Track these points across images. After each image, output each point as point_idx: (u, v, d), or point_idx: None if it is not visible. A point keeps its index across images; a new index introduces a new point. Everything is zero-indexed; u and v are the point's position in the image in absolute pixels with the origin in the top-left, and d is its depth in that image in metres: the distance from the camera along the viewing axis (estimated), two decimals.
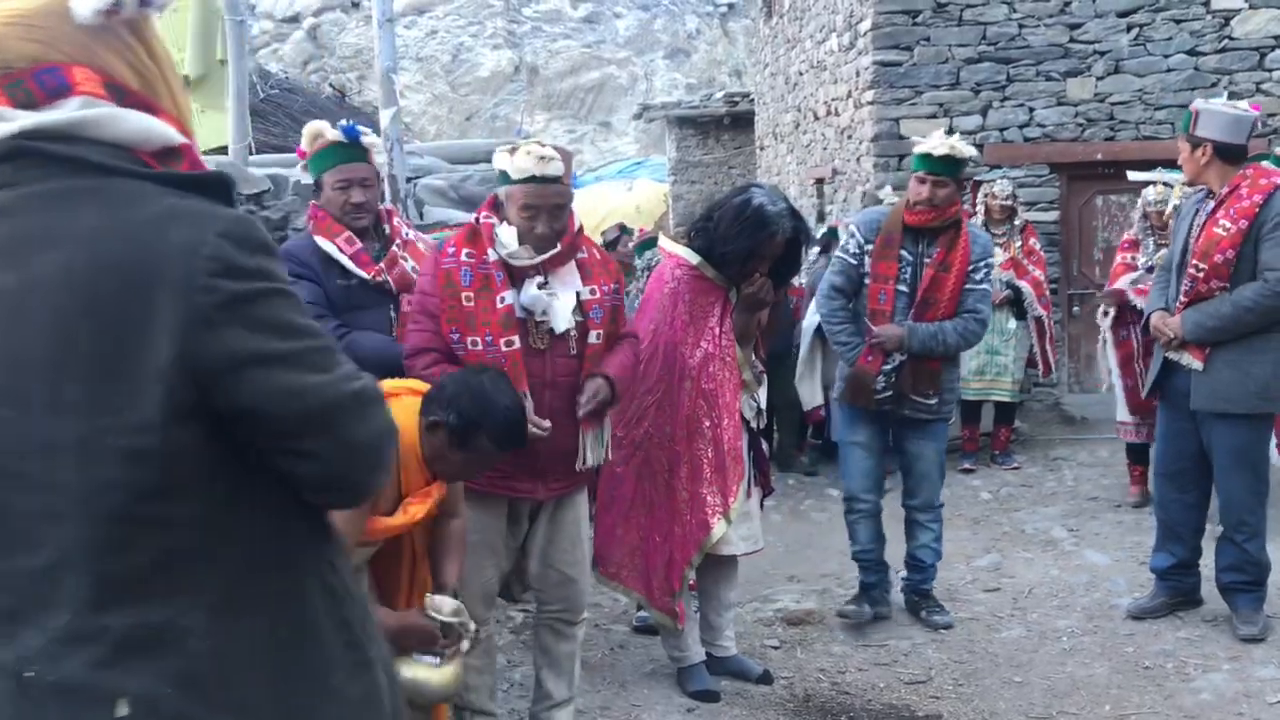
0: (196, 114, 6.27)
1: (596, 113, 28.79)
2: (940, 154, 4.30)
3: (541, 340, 3.21)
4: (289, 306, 1.38)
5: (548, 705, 3.53)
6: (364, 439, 1.42)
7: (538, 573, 3.44)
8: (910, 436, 4.53)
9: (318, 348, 1.39)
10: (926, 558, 4.62)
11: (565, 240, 3.23)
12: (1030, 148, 8.80)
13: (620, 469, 3.91)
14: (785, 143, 12.73)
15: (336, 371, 1.40)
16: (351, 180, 3.61)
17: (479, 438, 2.70)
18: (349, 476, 1.44)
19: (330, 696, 1.42)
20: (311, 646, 1.41)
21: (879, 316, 4.37)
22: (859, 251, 4.47)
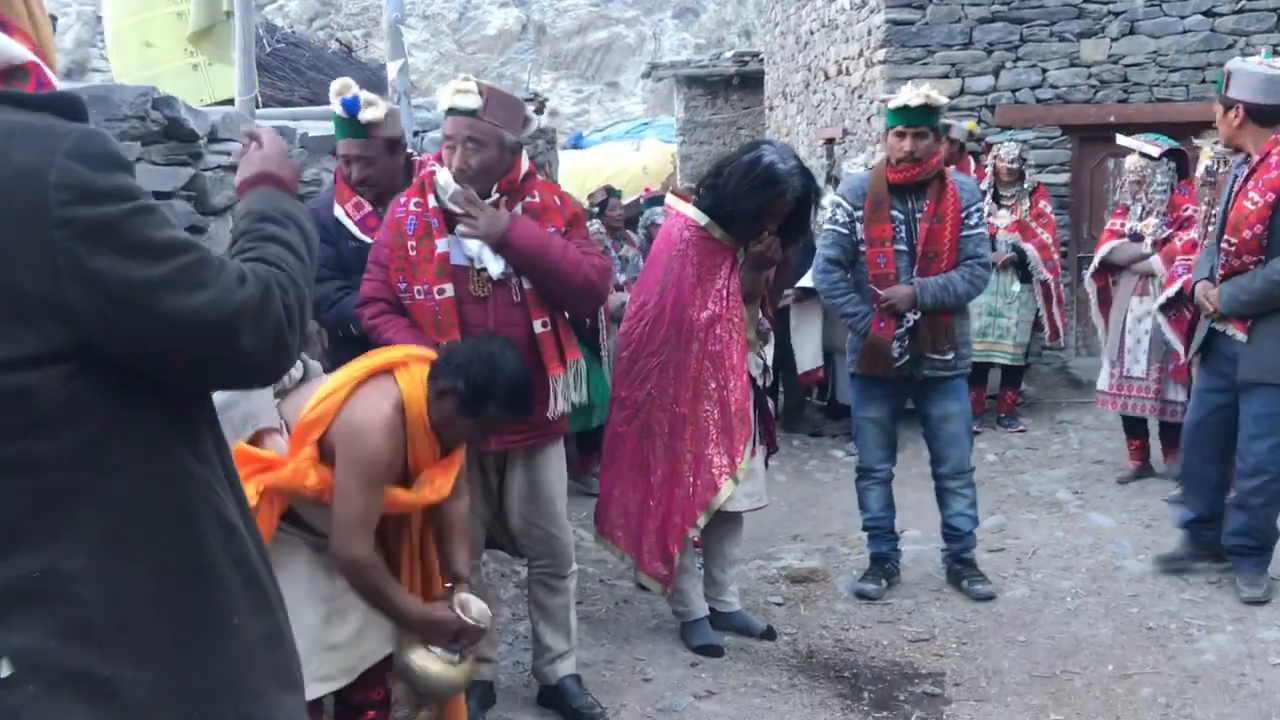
0: (204, 66, 6.22)
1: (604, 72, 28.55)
2: (917, 104, 4.25)
3: (482, 288, 3.20)
4: (156, 222, 1.28)
5: (548, 658, 3.55)
6: (261, 339, 1.35)
7: (521, 529, 3.44)
8: (933, 399, 4.48)
9: (196, 261, 1.30)
10: (963, 525, 4.56)
11: (502, 186, 3.22)
12: (1042, 109, 8.72)
13: (622, 429, 3.91)
14: (795, 102, 12.63)
15: (221, 280, 1.31)
16: (349, 156, 3.61)
17: (488, 404, 2.70)
18: (256, 368, 1.39)
19: (232, 637, 1.36)
20: (210, 585, 1.35)
21: (884, 280, 4.32)
22: (848, 220, 4.42)
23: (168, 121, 3.54)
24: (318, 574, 2.73)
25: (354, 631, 2.79)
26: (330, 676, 2.77)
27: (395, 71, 4.76)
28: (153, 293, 1.24)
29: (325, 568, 2.74)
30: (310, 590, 2.71)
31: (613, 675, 3.84)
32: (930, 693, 3.74)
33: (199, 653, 1.32)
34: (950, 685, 3.79)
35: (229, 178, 3.90)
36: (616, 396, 3.94)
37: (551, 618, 3.54)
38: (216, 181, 3.81)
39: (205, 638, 1.33)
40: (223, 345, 1.31)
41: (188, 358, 1.31)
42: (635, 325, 3.89)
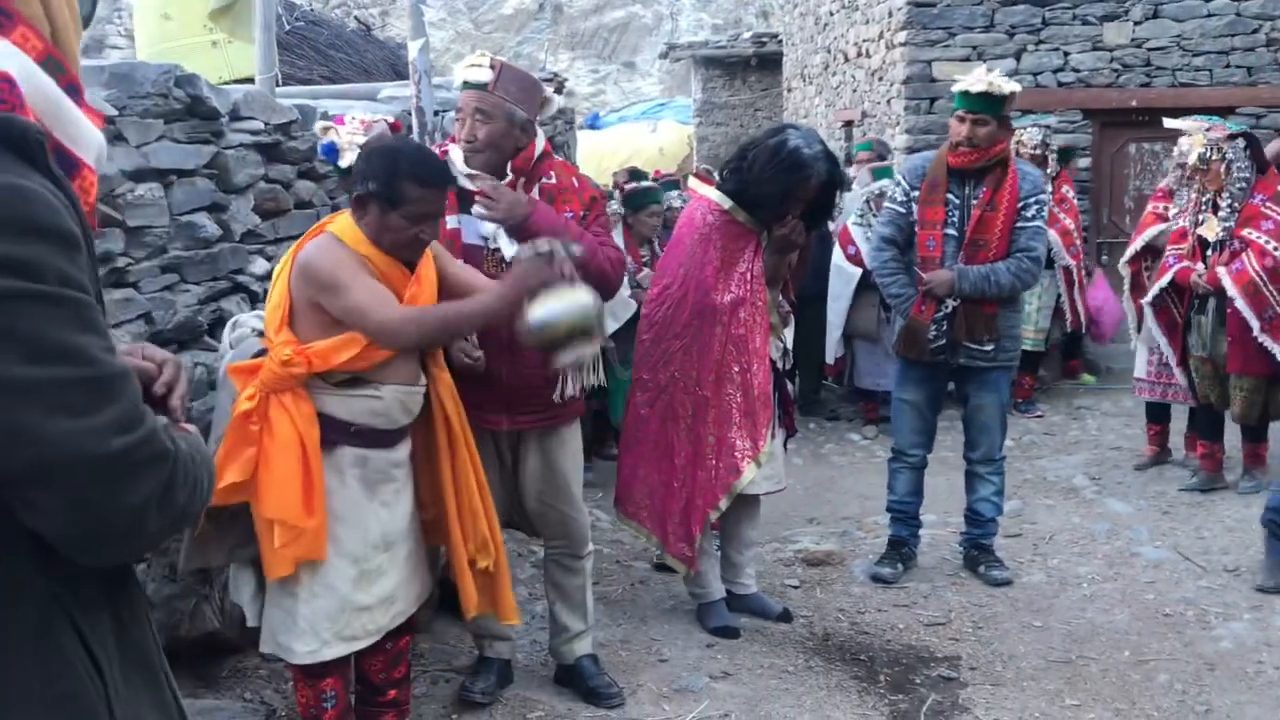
0: (223, 44, 6.21)
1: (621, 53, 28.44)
2: (978, 90, 4.21)
3: (495, 268, 3.19)
4: (53, 318, 1.06)
5: (566, 638, 3.58)
6: (114, 510, 1.11)
7: (537, 511, 3.46)
8: (970, 388, 4.47)
9: (80, 380, 1.08)
10: (986, 511, 4.56)
11: (516, 164, 3.23)
12: (1064, 93, 8.66)
13: (645, 411, 3.92)
14: (814, 84, 12.57)
15: (98, 417, 1.08)
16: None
17: (402, 184, 2.68)
18: (92, 546, 1.14)
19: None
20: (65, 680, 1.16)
21: (929, 263, 4.31)
22: (906, 199, 4.41)
23: (190, 99, 3.52)
24: (351, 533, 2.75)
25: (385, 594, 2.80)
26: (356, 637, 2.78)
27: (416, 51, 4.74)
28: (5, 394, 1.04)
29: (360, 527, 2.75)
30: (343, 551, 2.72)
31: (629, 655, 3.86)
32: (946, 676, 3.74)
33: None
34: (966, 669, 3.79)
35: (250, 155, 3.90)
36: (638, 378, 3.95)
37: (568, 598, 3.55)
38: (238, 159, 3.81)
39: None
40: (65, 488, 1.08)
41: (16, 486, 1.08)
42: (658, 308, 3.89)
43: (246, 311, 3.71)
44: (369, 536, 2.77)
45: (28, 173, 1.08)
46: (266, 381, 2.66)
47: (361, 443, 2.74)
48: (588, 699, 3.48)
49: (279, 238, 4.10)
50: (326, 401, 2.71)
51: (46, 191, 1.09)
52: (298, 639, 2.73)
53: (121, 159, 3.22)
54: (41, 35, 1.19)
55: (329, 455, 2.71)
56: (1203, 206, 5.29)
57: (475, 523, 2.93)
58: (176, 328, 3.39)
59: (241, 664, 3.48)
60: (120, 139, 3.25)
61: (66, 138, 1.23)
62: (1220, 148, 5.10)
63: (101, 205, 3.06)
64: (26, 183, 1.07)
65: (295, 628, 2.72)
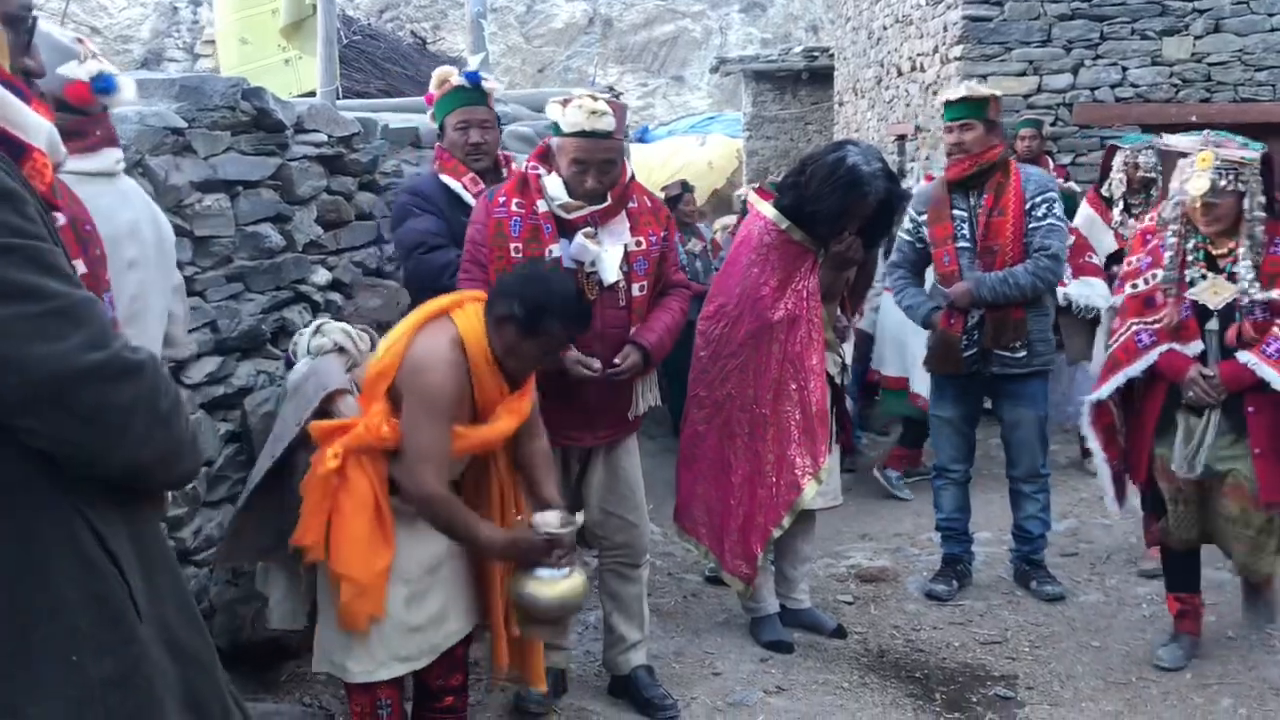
0: (294, 60, 6.34)
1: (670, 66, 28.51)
2: (956, 98, 4.28)
3: (591, 291, 3.24)
4: (8, 262, 1.23)
5: (622, 648, 3.59)
6: (101, 415, 1.28)
7: (598, 519, 3.48)
8: (1006, 402, 4.45)
9: (45, 312, 1.24)
10: (1034, 528, 4.52)
11: (615, 193, 3.24)
12: (1121, 108, 8.55)
13: (702, 427, 3.92)
14: (866, 98, 12.53)
15: (69, 340, 1.25)
16: (471, 121, 3.78)
17: (546, 320, 2.74)
18: (93, 456, 1.31)
19: (68, 674, 1.31)
20: (48, 622, 1.30)
21: (949, 278, 4.32)
22: (913, 226, 4.48)
23: (256, 112, 3.59)
24: (405, 554, 2.77)
25: (435, 614, 2.83)
26: (411, 657, 2.81)
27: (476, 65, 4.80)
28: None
29: (412, 547, 2.78)
30: (395, 572, 2.75)
31: (682, 668, 3.85)
32: (1003, 695, 3.70)
33: (26, 685, 1.29)
34: (1023, 688, 3.75)
35: (314, 168, 3.97)
36: (695, 394, 3.95)
37: (625, 607, 3.56)
38: (302, 171, 3.87)
39: (36, 674, 1.29)
40: (54, 404, 1.25)
41: (13, 412, 1.25)
42: (714, 325, 3.89)
43: (309, 320, 3.76)
44: (419, 558, 2.80)
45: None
46: (354, 444, 2.70)
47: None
48: (643, 710, 3.49)
49: (340, 248, 4.16)
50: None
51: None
52: (352, 659, 2.77)
53: (190, 170, 3.29)
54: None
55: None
56: (1190, 257, 3.61)
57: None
58: (240, 336, 3.45)
59: (301, 668, 3.53)
60: (189, 150, 3.32)
61: (11, 125, 1.38)
62: (1237, 172, 3.49)
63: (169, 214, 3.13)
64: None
65: (350, 649, 2.76)
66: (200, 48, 21.42)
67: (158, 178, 3.09)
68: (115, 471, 1.36)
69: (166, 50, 22.09)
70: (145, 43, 22.31)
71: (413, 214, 3.74)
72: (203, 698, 1.47)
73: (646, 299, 3.36)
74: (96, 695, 1.33)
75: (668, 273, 3.47)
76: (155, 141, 3.14)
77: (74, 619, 1.31)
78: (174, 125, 3.23)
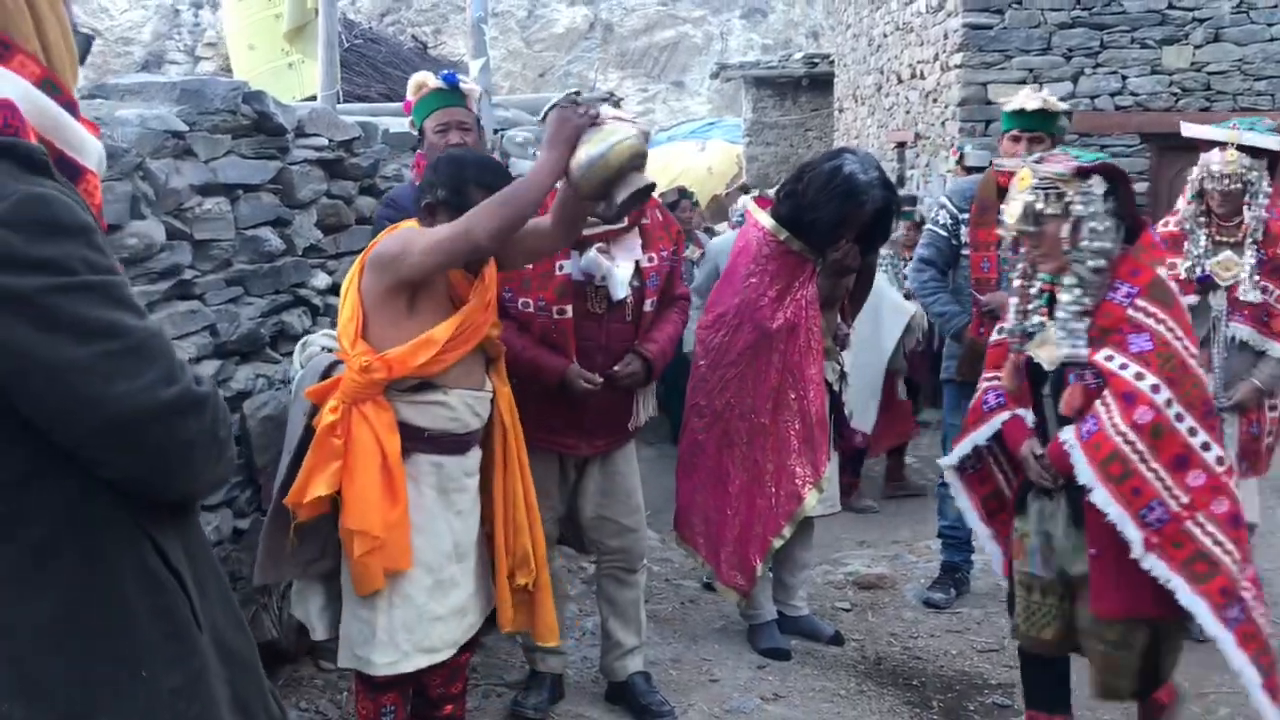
0: (296, 64, 6.35)
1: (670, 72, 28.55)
2: (1033, 108, 4.16)
3: (599, 305, 3.24)
4: (90, 301, 1.24)
5: (618, 654, 3.58)
6: (171, 449, 1.31)
7: (594, 524, 3.48)
8: None
9: (124, 349, 1.26)
10: None
11: (632, 215, 3.23)
12: (1121, 116, 8.59)
13: (701, 436, 3.91)
14: (866, 105, 12.55)
15: (145, 376, 1.27)
16: (449, 124, 3.67)
17: (467, 188, 2.74)
18: (157, 485, 1.34)
19: (138, 686, 1.33)
20: (118, 635, 1.32)
21: (985, 284, 4.23)
22: (952, 223, 4.36)
23: (257, 115, 3.59)
24: (427, 542, 2.77)
25: (457, 606, 2.82)
26: (435, 649, 2.79)
27: (477, 70, 4.81)
28: (65, 374, 1.21)
29: (433, 535, 2.78)
30: (420, 560, 2.74)
31: (679, 674, 3.85)
32: (1000, 704, 3.70)
33: (98, 697, 1.31)
34: (1020, 697, 3.73)
35: (314, 171, 3.96)
36: (694, 404, 3.94)
37: (622, 612, 3.56)
38: (303, 175, 3.87)
39: (108, 687, 1.31)
40: (128, 442, 1.27)
41: (88, 447, 1.27)
42: (713, 334, 3.89)
43: (308, 324, 3.77)
44: (443, 546, 2.79)
45: (40, 181, 1.23)
46: (348, 392, 2.69)
47: (435, 449, 2.77)
48: (640, 716, 3.48)
49: (340, 252, 4.15)
50: (400, 409, 2.74)
51: (60, 193, 1.25)
52: (377, 650, 2.74)
53: (190, 174, 3.29)
54: (38, 61, 1.33)
55: (406, 464, 2.73)
56: (1032, 303, 3.01)
57: (518, 537, 2.95)
58: (240, 339, 3.44)
59: (297, 673, 3.52)
60: (189, 154, 3.31)
61: (70, 148, 1.37)
62: (1060, 193, 2.81)
63: (169, 218, 3.13)
64: (42, 189, 1.22)
65: (374, 639, 2.73)
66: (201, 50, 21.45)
67: (158, 181, 3.08)
68: (174, 497, 1.40)
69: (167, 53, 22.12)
70: (146, 45, 22.34)
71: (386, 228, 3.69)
72: (248, 698, 1.50)
73: (654, 315, 3.39)
74: (165, 704, 1.36)
75: (673, 286, 3.49)
76: (155, 145, 3.14)
77: (144, 634, 1.34)
78: (174, 129, 3.23)
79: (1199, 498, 2.65)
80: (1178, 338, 2.73)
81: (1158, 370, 2.67)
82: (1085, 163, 2.81)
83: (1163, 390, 2.66)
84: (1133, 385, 2.67)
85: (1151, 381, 2.67)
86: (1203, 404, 2.73)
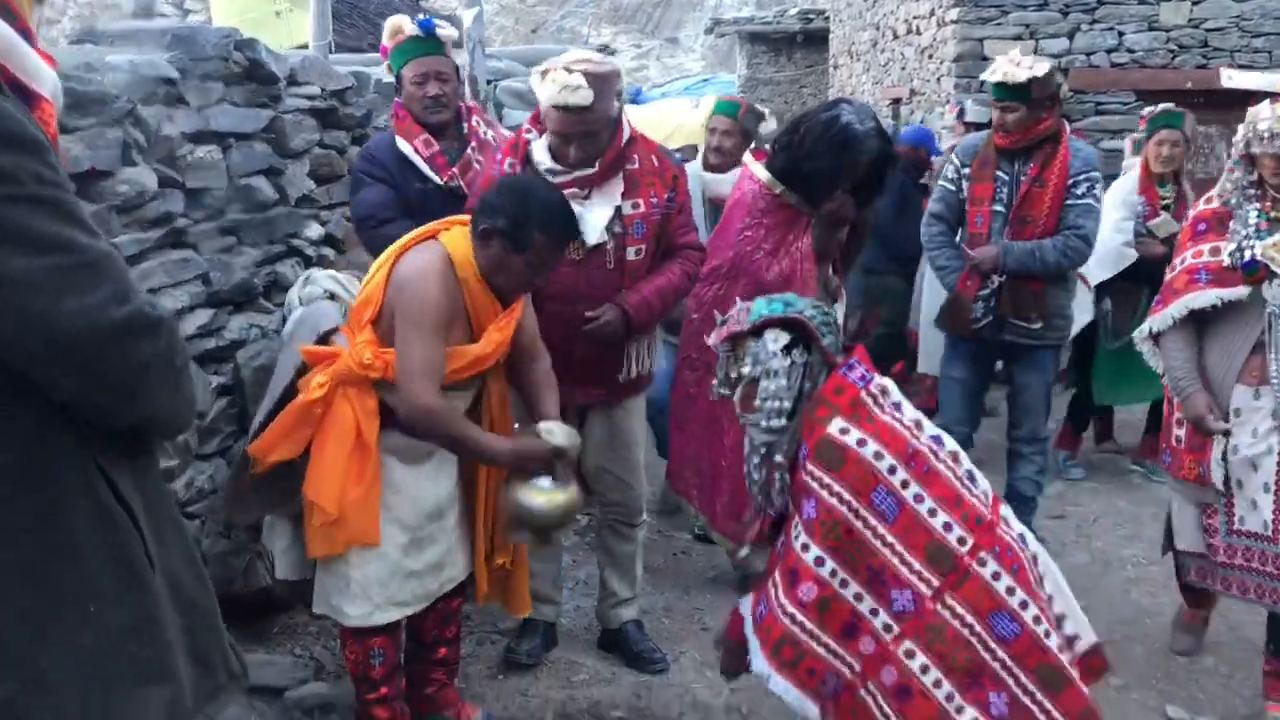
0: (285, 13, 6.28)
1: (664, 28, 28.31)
2: (995, 80, 4.19)
3: (577, 251, 3.20)
4: (39, 214, 1.21)
5: (613, 603, 3.62)
6: (124, 371, 1.28)
7: (594, 474, 3.50)
8: (1016, 366, 4.44)
9: (75, 265, 1.22)
10: (1026, 490, 4.51)
11: (607, 157, 3.20)
12: (1117, 73, 8.54)
13: (693, 389, 3.92)
14: (861, 61, 12.47)
15: (97, 294, 1.24)
16: (428, 74, 3.61)
17: (531, 232, 2.71)
18: (111, 409, 1.31)
19: (86, 623, 1.31)
20: (68, 571, 1.30)
21: (976, 239, 4.28)
22: (957, 177, 4.40)
23: (249, 63, 3.56)
24: (405, 500, 2.79)
25: (435, 561, 2.84)
26: (407, 602, 2.82)
27: (470, 20, 4.77)
28: (12, 287, 1.18)
29: (413, 493, 2.79)
30: (394, 517, 2.76)
31: (671, 623, 3.88)
32: None
33: (45, 634, 1.29)
34: None
35: (306, 121, 3.94)
36: (686, 356, 3.95)
37: (619, 564, 3.59)
38: (295, 124, 3.85)
39: (53, 620, 1.30)
40: (80, 360, 1.24)
41: (40, 366, 1.24)
42: (707, 288, 3.87)
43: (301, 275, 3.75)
44: (421, 505, 2.81)
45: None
46: (339, 374, 2.70)
47: (403, 429, 2.76)
48: (632, 663, 3.52)
49: (333, 203, 4.14)
50: (383, 395, 2.75)
51: (9, 109, 1.23)
52: (350, 602, 2.77)
53: (182, 121, 3.26)
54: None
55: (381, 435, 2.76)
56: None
57: (498, 521, 2.98)
58: (233, 289, 3.44)
59: (292, 620, 3.55)
60: (181, 101, 3.29)
61: (24, 74, 1.35)
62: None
63: (161, 165, 3.11)
64: (7, 106, 1.20)
65: (348, 591, 2.76)
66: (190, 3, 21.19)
67: (149, 128, 3.06)
68: (128, 424, 1.37)
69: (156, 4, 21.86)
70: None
71: (364, 183, 3.63)
72: (207, 649, 1.48)
73: (644, 263, 3.31)
74: (114, 643, 1.33)
75: (674, 234, 3.39)
76: (147, 91, 3.12)
77: (91, 567, 1.32)
78: (166, 75, 3.20)
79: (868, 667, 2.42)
80: None
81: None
82: None
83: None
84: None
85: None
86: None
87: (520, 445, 2.78)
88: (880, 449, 2.38)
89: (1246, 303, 3.17)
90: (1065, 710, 2.35)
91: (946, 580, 2.34)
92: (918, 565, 2.35)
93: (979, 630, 2.33)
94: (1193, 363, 3.29)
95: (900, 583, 2.35)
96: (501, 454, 2.77)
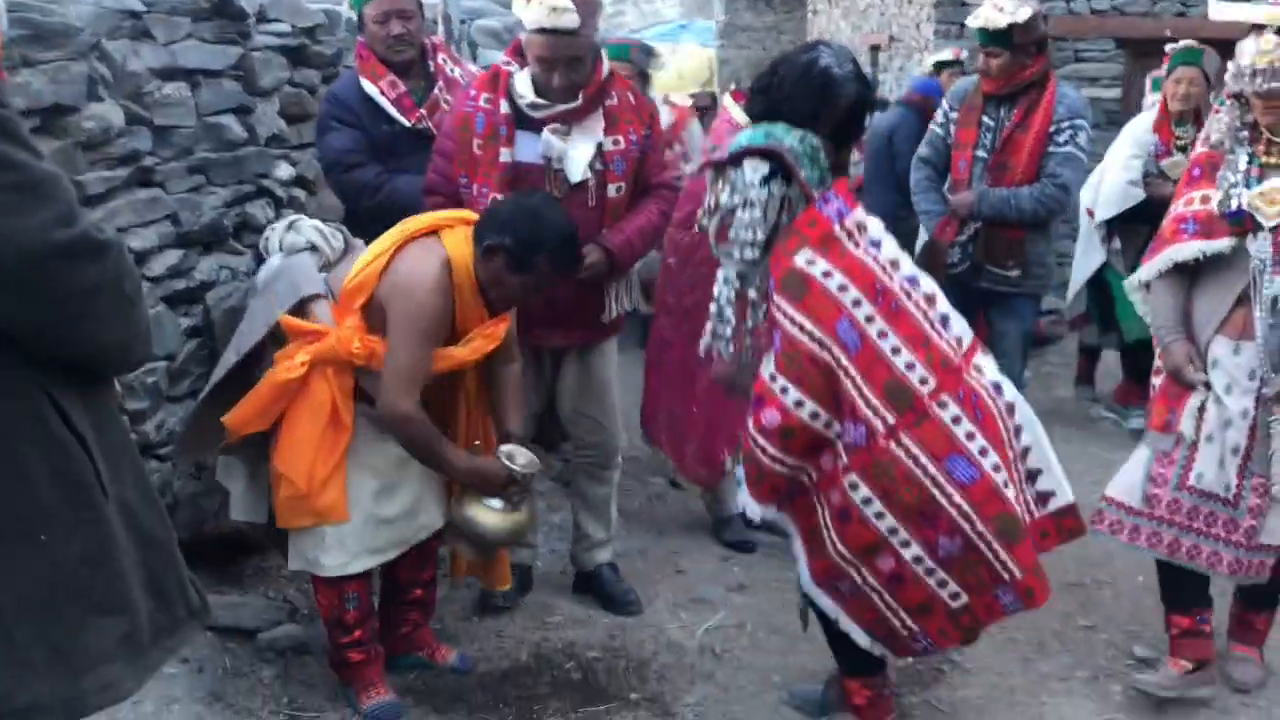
0: None
1: None
2: (976, 26, 4.19)
3: (558, 189, 3.17)
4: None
5: (587, 545, 3.63)
6: (68, 294, 1.25)
7: (570, 418, 3.50)
8: (994, 312, 4.43)
9: (15, 184, 1.20)
10: None
11: (589, 90, 3.17)
12: (1096, 20, 8.49)
13: (669, 334, 3.91)
14: (840, 7, 12.35)
15: (39, 215, 1.21)
16: (390, 11, 3.55)
17: (536, 258, 2.71)
18: (59, 336, 1.28)
19: (37, 552, 1.30)
20: (19, 500, 1.29)
21: (958, 184, 4.29)
22: (945, 122, 4.40)
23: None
24: (374, 448, 2.77)
25: (407, 507, 2.84)
26: (381, 549, 2.83)
27: None
28: None
29: (382, 442, 2.78)
30: (364, 464, 2.75)
31: (646, 566, 3.91)
32: None
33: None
34: None
35: (276, 59, 3.86)
36: (663, 301, 3.94)
37: (593, 507, 3.60)
38: (265, 62, 3.78)
39: (5, 547, 1.28)
40: (14, 286, 1.21)
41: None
42: (685, 233, 3.85)
43: (271, 215, 3.70)
44: (386, 452, 2.80)
45: None
46: (322, 355, 2.67)
47: (372, 402, 2.76)
48: (606, 606, 3.54)
49: (303, 143, 4.08)
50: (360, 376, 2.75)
51: None
52: (325, 553, 2.77)
53: (149, 56, 3.19)
54: None
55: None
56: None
57: None
58: (202, 229, 3.39)
59: (265, 563, 3.55)
60: (147, 36, 3.22)
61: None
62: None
63: (127, 102, 3.04)
64: None
65: (324, 543, 2.76)
66: None
67: (115, 63, 2.99)
68: (76, 352, 1.34)
69: None
70: None
71: (330, 128, 3.58)
72: (164, 583, 1.47)
73: (624, 200, 3.28)
74: (68, 572, 1.32)
75: (649, 173, 3.37)
76: (112, 25, 3.05)
77: (43, 496, 1.30)
78: (131, 8, 3.13)
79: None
80: None
81: None
82: None
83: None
84: None
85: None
86: None
87: (479, 466, 2.80)
88: (846, 282, 2.39)
89: (1231, 254, 3.01)
90: (1019, 561, 2.41)
91: (903, 419, 2.37)
92: (875, 401, 2.37)
93: (933, 471, 2.37)
94: (1178, 312, 3.16)
95: (856, 416, 2.37)
96: (459, 470, 2.79)
